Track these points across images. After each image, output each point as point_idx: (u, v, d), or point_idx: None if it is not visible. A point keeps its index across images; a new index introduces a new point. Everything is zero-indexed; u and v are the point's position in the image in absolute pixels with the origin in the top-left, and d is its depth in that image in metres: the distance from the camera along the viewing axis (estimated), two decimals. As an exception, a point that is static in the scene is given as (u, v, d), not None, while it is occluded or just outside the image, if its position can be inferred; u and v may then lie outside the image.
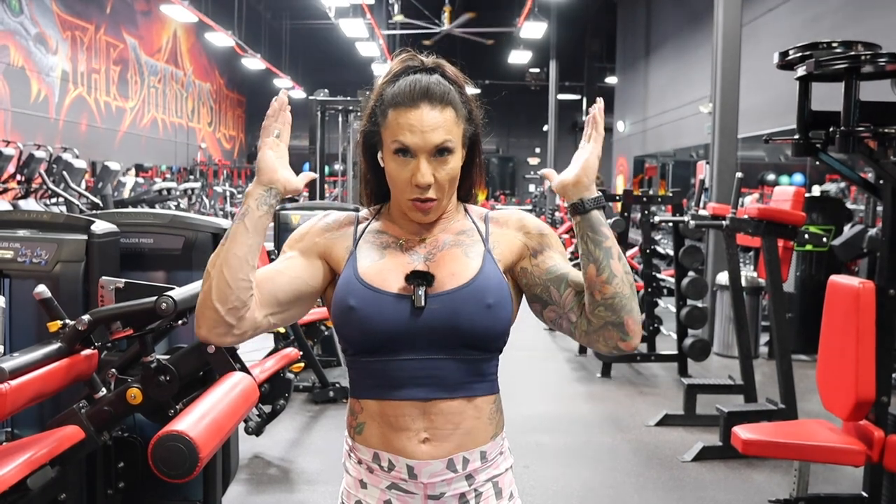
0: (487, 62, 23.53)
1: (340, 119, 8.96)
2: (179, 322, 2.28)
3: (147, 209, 6.80)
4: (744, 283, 5.47)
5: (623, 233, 6.41)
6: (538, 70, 24.72)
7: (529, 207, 17.21)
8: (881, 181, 2.95)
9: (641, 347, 6.23)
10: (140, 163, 17.64)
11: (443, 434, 1.23)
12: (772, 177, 15.52)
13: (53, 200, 9.31)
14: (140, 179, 15.06)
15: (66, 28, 15.21)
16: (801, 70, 3.03)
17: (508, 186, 28.30)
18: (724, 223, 4.27)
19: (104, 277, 2.31)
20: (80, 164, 9.62)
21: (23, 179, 9.25)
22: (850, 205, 8.27)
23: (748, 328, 4.73)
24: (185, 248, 2.82)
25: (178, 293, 2.14)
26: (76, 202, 8.81)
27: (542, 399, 5.26)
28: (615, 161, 21.55)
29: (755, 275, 6.19)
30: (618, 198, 6.37)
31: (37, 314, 2.31)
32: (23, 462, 1.92)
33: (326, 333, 5.31)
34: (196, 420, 2.10)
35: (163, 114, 20.67)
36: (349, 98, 8.65)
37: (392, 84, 1.26)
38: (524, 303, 1.34)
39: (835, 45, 3.02)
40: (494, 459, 1.29)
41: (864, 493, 3.05)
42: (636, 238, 8.14)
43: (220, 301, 1.17)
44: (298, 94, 23.47)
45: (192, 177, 18.99)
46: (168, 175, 18.43)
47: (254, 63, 19.15)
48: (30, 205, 8.61)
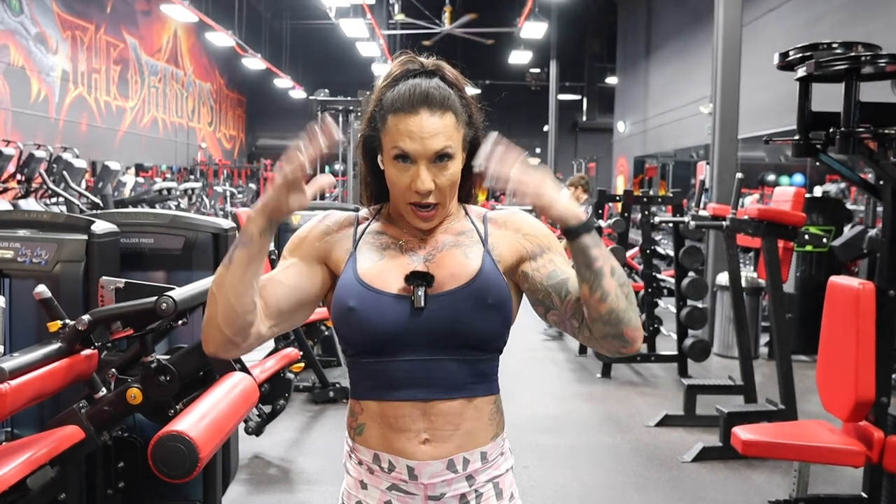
0: (488, 62, 23.53)
1: (341, 119, 8.96)
2: (179, 322, 2.28)
3: (147, 209, 6.80)
4: (744, 284, 5.47)
5: (623, 233, 6.41)
6: (538, 70, 24.73)
7: (529, 207, 17.18)
8: (881, 182, 2.95)
9: (641, 348, 6.22)
10: (140, 162, 17.64)
11: (443, 435, 1.23)
12: (772, 177, 15.52)
13: (53, 200, 9.31)
14: (140, 179, 15.06)
15: (67, 28, 15.21)
16: (802, 71, 3.03)
17: (509, 186, 28.28)
18: (725, 224, 4.27)
19: (104, 277, 2.31)
20: (81, 164, 9.61)
21: (23, 179, 9.25)
22: (850, 205, 8.27)
23: (748, 329, 4.73)
24: (186, 248, 2.82)
25: (179, 293, 2.14)
26: (76, 202, 8.81)
27: (542, 399, 5.26)
28: (615, 161, 21.55)
29: (755, 275, 6.19)
30: (618, 198, 6.37)
31: (37, 314, 2.31)
32: (23, 462, 1.92)
33: (326, 333, 5.31)
34: (196, 420, 2.10)
35: (163, 113, 20.66)
36: (349, 98, 8.66)
37: (391, 88, 1.24)
38: (525, 303, 1.33)
39: (835, 46, 3.02)
40: (495, 460, 1.29)
41: (864, 494, 3.05)
42: (636, 238, 8.14)
43: (227, 325, 1.18)
44: (299, 94, 23.50)
45: (193, 177, 18.99)
46: (168, 175, 18.43)
47: (254, 63, 19.14)
48: (30, 204, 8.61)
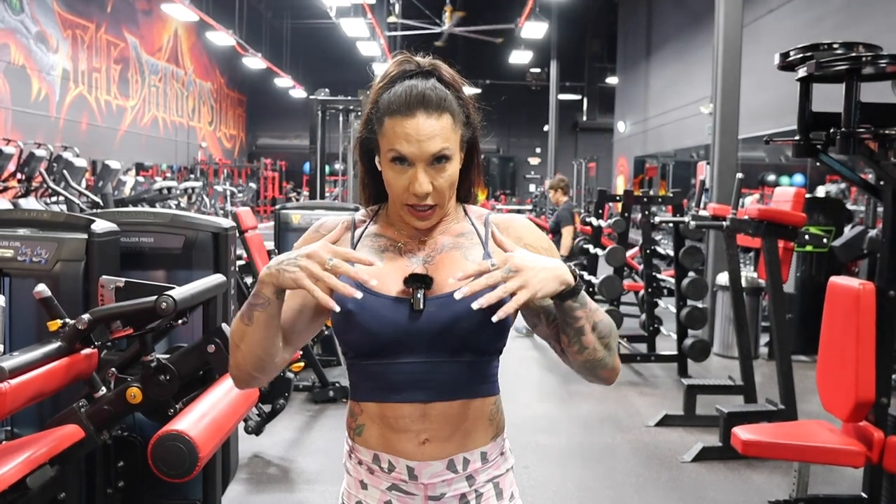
0: (488, 62, 23.55)
1: (341, 118, 8.97)
2: (179, 321, 2.28)
3: (147, 208, 6.79)
4: (744, 284, 5.47)
5: (623, 233, 6.42)
6: (539, 70, 24.75)
7: (530, 207, 17.20)
8: (881, 182, 2.95)
9: (641, 348, 6.23)
10: (140, 162, 17.65)
11: (443, 435, 1.23)
12: (772, 177, 15.53)
13: (54, 199, 9.32)
14: (140, 178, 15.07)
15: (67, 27, 15.21)
16: (802, 71, 3.03)
17: (509, 186, 28.33)
18: (725, 224, 4.27)
19: (104, 276, 2.31)
20: (81, 163, 9.62)
21: (23, 178, 9.26)
22: (851, 206, 8.28)
23: (748, 329, 4.73)
24: (186, 248, 2.82)
25: (179, 293, 2.14)
26: (76, 201, 8.82)
27: (542, 399, 5.26)
28: (616, 161, 21.55)
29: (755, 275, 6.19)
30: (618, 198, 6.37)
31: (37, 313, 2.31)
32: (22, 461, 1.91)
33: (326, 333, 5.31)
34: (196, 419, 2.10)
35: (163, 113, 20.67)
36: (350, 98, 8.66)
37: (388, 89, 1.23)
38: None
39: (836, 47, 3.01)
40: (495, 460, 1.29)
41: (864, 494, 3.05)
42: (636, 238, 8.15)
43: (259, 370, 1.23)
44: (299, 94, 23.50)
45: (193, 176, 19.01)
46: (168, 174, 18.45)
47: (254, 62, 19.15)
48: (30, 203, 8.61)
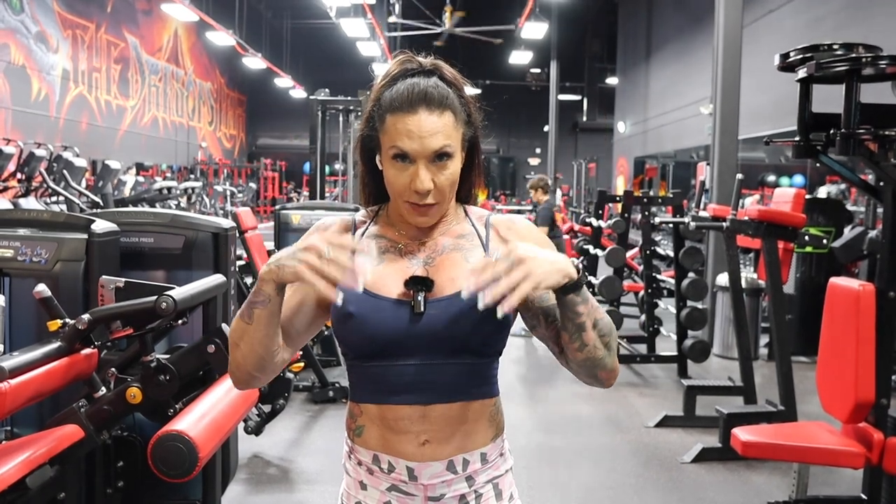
0: (488, 62, 23.55)
1: (341, 118, 8.97)
2: (179, 321, 2.28)
3: (147, 208, 6.79)
4: (744, 285, 5.47)
5: (623, 233, 6.42)
6: (539, 70, 24.75)
7: (530, 208, 17.20)
8: (881, 183, 2.95)
9: (641, 348, 6.23)
10: (140, 161, 17.65)
11: (443, 437, 1.23)
12: (772, 178, 15.54)
13: (54, 199, 9.32)
14: (140, 178, 15.06)
15: (67, 27, 15.21)
16: (802, 72, 3.03)
17: (509, 186, 28.32)
18: (725, 224, 4.27)
19: (104, 276, 2.31)
20: (81, 163, 9.62)
21: (23, 178, 9.25)
22: (851, 207, 8.28)
23: (748, 330, 4.73)
24: (186, 248, 2.82)
25: (178, 293, 2.14)
26: (76, 201, 8.82)
27: (542, 400, 5.26)
28: (616, 162, 21.55)
29: (755, 276, 6.19)
30: (618, 199, 6.37)
31: (37, 313, 2.31)
32: (22, 461, 1.91)
33: (326, 333, 5.31)
34: (196, 420, 2.10)
35: (163, 113, 20.67)
36: (350, 98, 8.66)
37: (389, 88, 1.23)
38: None
39: (835, 48, 3.01)
40: (495, 461, 1.29)
41: (864, 496, 3.05)
42: (636, 239, 8.15)
43: (259, 370, 1.23)
44: (299, 94, 23.50)
45: (193, 176, 19.02)
46: (168, 174, 18.45)
47: (255, 62, 19.15)
48: (30, 203, 8.61)
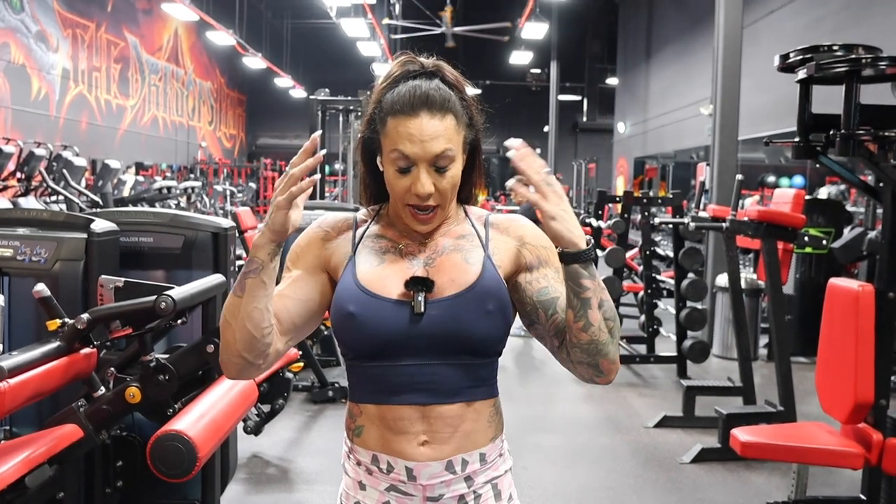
0: (488, 62, 23.53)
1: (341, 118, 8.97)
2: (178, 321, 2.28)
3: (147, 208, 6.79)
4: (743, 285, 5.47)
5: (623, 234, 6.42)
6: (539, 71, 24.74)
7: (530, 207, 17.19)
8: (881, 184, 2.95)
9: (640, 349, 6.23)
10: (140, 161, 17.64)
11: (442, 437, 1.23)
12: (772, 179, 15.55)
13: (53, 198, 9.30)
14: (140, 178, 15.05)
15: (67, 26, 15.21)
16: (802, 73, 3.03)
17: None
18: (724, 225, 4.27)
19: (103, 276, 2.31)
20: (81, 163, 9.61)
21: (23, 177, 9.24)
22: (850, 207, 8.28)
23: (747, 330, 4.73)
24: (185, 247, 2.82)
25: (178, 292, 2.14)
26: (76, 200, 8.81)
27: (541, 400, 5.26)
28: (615, 162, 21.56)
29: (755, 277, 6.19)
30: (618, 199, 6.37)
31: (36, 312, 2.31)
32: (21, 460, 1.91)
33: (326, 333, 5.31)
34: (195, 419, 2.10)
35: (163, 112, 20.66)
36: (350, 98, 8.67)
37: (391, 90, 1.23)
38: None
39: (835, 48, 3.01)
40: (494, 461, 1.29)
41: (863, 496, 3.05)
42: (636, 239, 8.15)
43: (248, 350, 1.20)
44: (299, 94, 23.50)
45: (193, 175, 19.01)
46: (168, 174, 18.44)
47: (255, 62, 19.14)
48: (30, 203, 8.60)
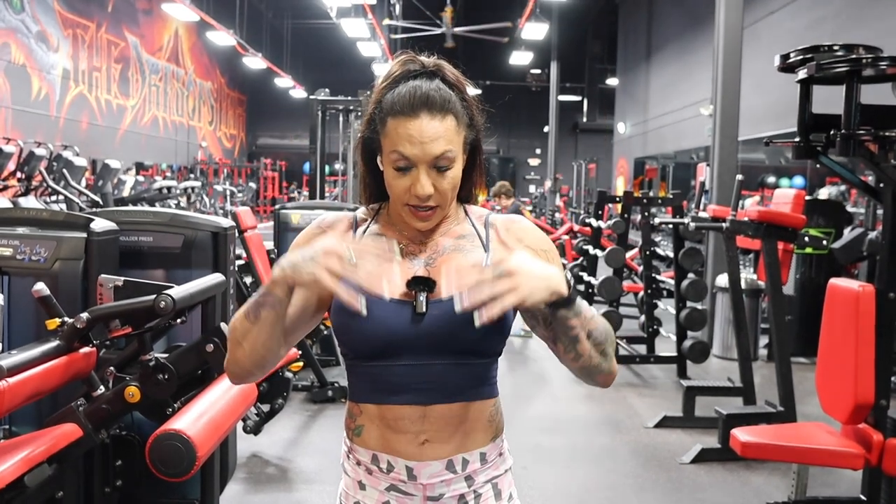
0: (488, 63, 23.54)
1: (341, 119, 8.97)
2: (178, 320, 2.28)
3: (147, 207, 6.79)
4: (743, 286, 5.47)
5: (623, 234, 6.41)
6: (539, 71, 24.75)
7: (530, 208, 17.20)
8: (881, 184, 2.95)
9: (641, 349, 6.23)
10: (140, 161, 17.66)
11: (442, 436, 1.23)
12: (772, 179, 15.57)
13: (53, 198, 9.31)
14: (140, 178, 15.05)
15: (68, 26, 15.21)
16: (802, 73, 3.03)
17: (509, 187, 28.31)
18: (724, 225, 4.26)
19: (103, 275, 2.31)
20: (81, 162, 9.62)
21: (23, 177, 9.25)
22: (851, 208, 8.29)
23: (747, 330, 4.73)
24: (185, 247, 2.82)
25: (177, 292, 2.14)
26: (76, 200, 8.82)
27: (541, 400, 5.26)
28: (616, 162, 21.56)
29: (755, 277, 6.19)
30: (618, 199, 6.37)
31: (35, 312, 2.31)
32: (20, 459, 1.91)
33: (325, 333, 5.31)
34: (194, 419, 2.10)
35: (163, 112, 20.66)
36: (350, 98, 8.67)
37: (391, 90, 1.22)
38: None
39: (836, 49, 3.01)
40: (494, 461, 1.29)
41: (863, 497, 3.05)
42: (636, 239, 8.15)
43: (259, 367, 1.23)
44: (299, 94, 23.51)
45: (193, 175, 19.03)
46: (168, 173, 18.45)
47: (255, 62, 19.16)
48: (30, 202, 8.61)
